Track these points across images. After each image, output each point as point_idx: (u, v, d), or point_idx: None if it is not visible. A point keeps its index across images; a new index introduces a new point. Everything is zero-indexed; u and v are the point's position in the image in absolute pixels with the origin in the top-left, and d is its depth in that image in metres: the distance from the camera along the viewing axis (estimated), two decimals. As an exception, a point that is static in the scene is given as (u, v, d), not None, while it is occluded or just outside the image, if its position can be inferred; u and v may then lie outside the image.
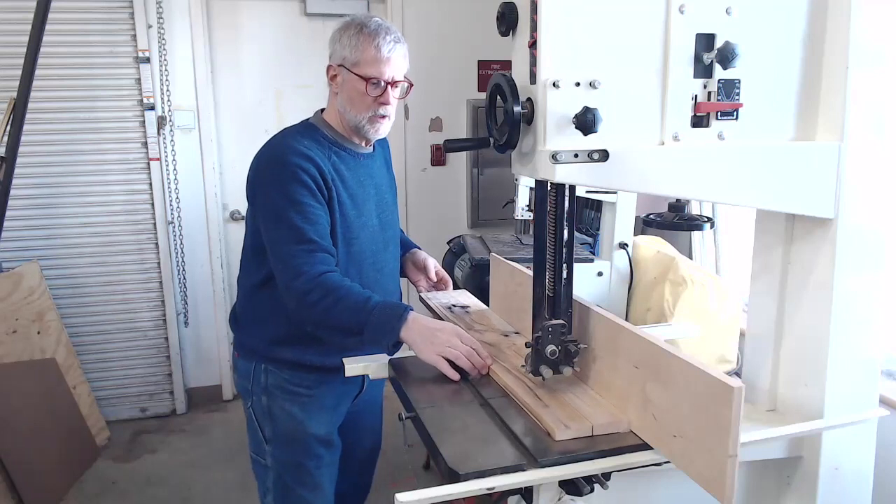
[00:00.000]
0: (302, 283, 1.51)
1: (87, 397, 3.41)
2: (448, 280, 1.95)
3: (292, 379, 1.72)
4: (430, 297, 1.91)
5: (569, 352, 1.28)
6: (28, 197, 3.43)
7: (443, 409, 1.29)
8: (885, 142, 1.20)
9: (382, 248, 1.78)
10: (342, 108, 1.67)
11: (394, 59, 1.61)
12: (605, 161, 1.08)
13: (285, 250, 1.55)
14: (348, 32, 1.62)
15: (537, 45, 1.07)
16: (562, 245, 1.27)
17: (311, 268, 1.52)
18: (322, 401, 1.75)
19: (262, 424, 1.76)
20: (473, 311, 1.82)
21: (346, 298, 1.50)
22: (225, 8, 3.67)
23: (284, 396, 1.73)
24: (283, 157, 1.59)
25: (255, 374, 1.74)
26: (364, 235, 1.71)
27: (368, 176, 1.74)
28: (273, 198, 1.58)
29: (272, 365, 1.72)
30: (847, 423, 1.24)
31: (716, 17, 1.11)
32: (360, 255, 1.70)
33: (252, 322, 1.76)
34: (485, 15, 1.88)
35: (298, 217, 1.55)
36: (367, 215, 1.72)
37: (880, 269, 1.24)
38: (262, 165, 1.63)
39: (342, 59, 1.63)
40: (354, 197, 1.68)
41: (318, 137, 1.67)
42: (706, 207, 2.89)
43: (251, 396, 1.77)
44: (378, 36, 1.59)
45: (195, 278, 3.78)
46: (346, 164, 1.68)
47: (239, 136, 3.78)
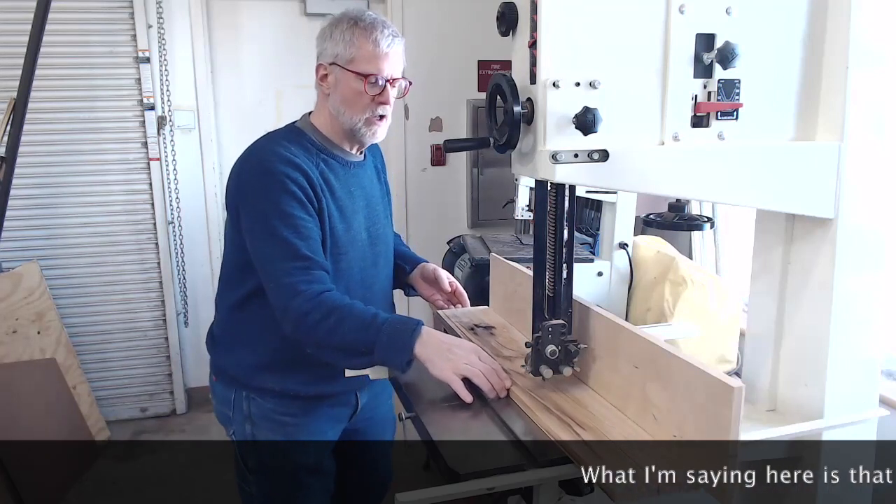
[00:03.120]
0: (300, 304, 1.39)
1: (87, 397, 3.40)
2: (463, 292, 1.76)
3: (277, 408, 1.59)
4: (449, 315, 1.76)
5: (569, 352, 1.28)
6: (28, 197, 3.42)
7: (443, 410, 1.28)
8: (885, 142, 1.20)
9: (371, 263, 1.64)
10: (335, 111, 1.53)
11: (392, 54, 1.49)
12: (605, 161, 1.08)
13: (279, 268, 1.42)
14: (340, 27, 1.49)
15: (537, 45, 1.07)
16: (562, 245, 1.27)
17: (308, 286, 1.40)
18: (309, 427, 1.63)
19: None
20: (499, 332, 1.64)
21: (350, 317, 1.38)
22: (225, 8, 3.67)
23: (269, 426, 1.60)
24: (270, 165, 1.45)
25: (235, 401, 1.61)
26: (353, 250, 1.58)
27: (358, 186, 1.61)
28: (261, 210, 1.45)
29: (255, 393, 1.59)
30: (847, 423, 1.24)
31: (716, 17, 1.11)
32: (349, 270, 1.57)
33: (232, 345, 1.63)
34: (485, 15, 1.87)
35: (290, 231, 1.42)
36: (356, 229, 1.59)
37: (880, 269, 1.24)
38: (246, 174, 1.50)
39: (334, 56, 1.49)
40: (343, 209, 1.55)
41: (306, 143, 1.53)
42: (706, 207, 2.89)
43: (232, 425, 1.64)
44: (375, 30, 1.47)
45: (195, 278, 3.78)
46: (335, 173, 1.55)
47: (239, 136, 3.77)
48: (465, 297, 1.77)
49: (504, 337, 1.61)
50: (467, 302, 1.77)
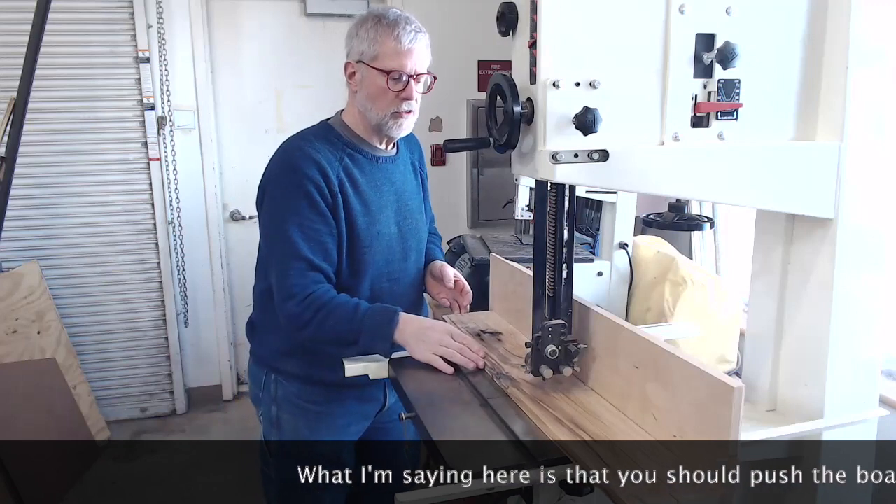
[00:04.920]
0: (292, 307, 1.50)
1: (87, 397, 3.40)
2: (468, 290, 1.78)
3: (301, 393, 1.66)
4: (455, 320, 1.75)
5: (569, 352, 1.28)
6: (28, 197, 3.43)
7: (443, 409, 1.29)
8: (885, 142, 1.20)
9: (401, 257, 1.68)
10: (362, 107, 1.58)
11: (416, 50, 1.52)
12: (605, 161, 1.08)
13: (280, 264, 1.53)
14: (366, 25, 1.53)
15: (537, 45, 1.07)
16: (562, 245, 1.27)
17: (301, 290, 1.50)
18: (332, 418, 1.68)
19: (269, 435, 1.72)
20: (507, 338, 1.63)
21: (336, 311, 1.48)
22: (225, 8, 3.67)
23: (293, 410, 1.67)
24: (292, 161, 1.54)
25: (265, 382, 1.70)
26: (377, 244, 1.62)
27: (387, 181, 1.65)
28: (276, 206, 1.55)
29: (281, 376, 1.68)
30: (847, 423, 1.24)
31: (716, 17, 1.11)
32: (372, 264, 1.62)
33: (263, 330, 1.72)
34: (485, 15, 1.87)
35: (296, 231, 1.50)
36: (382, 223, 1.63)
37: (880, 269, 1.24)
38: (274, 169, 1.59)
39: (360, 54, 1.54)
40: (368, 203, 1.60)
41: (333, 138, 1.60)
42: (706, 207, 2.88)
43: (261, 405, 1.72)
44: (398, 26, 1.50)
45: (195, 278, 3.78)
46: (361, 168, 1.60)
47: (239, 136, 3.78)
48: (468, 295, 1.77)
49: (511, 343, 1.59)
50: (469, 299, 1.77)
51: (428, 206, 1.84)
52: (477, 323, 1.73)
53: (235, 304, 3.91)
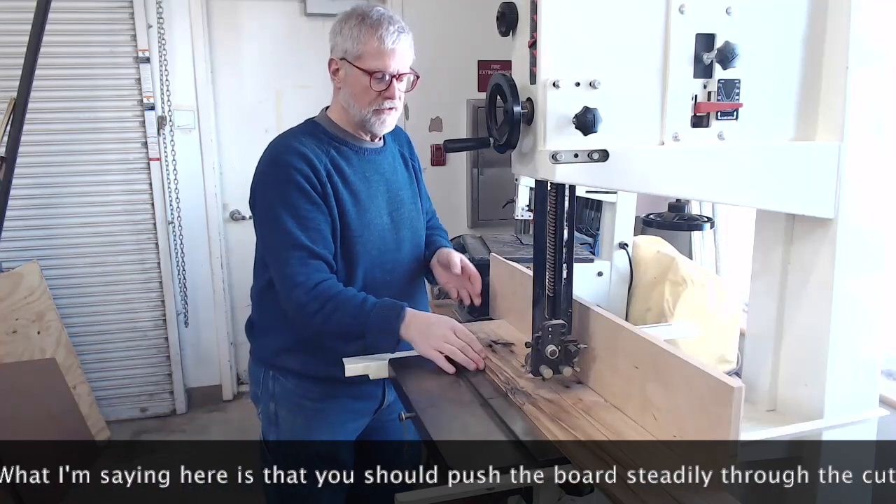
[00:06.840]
0: (298, 295, 1.50)
1: (87, 397, 3.40)
2: (477, 275, 1.72)
3: (297, 389, 1.67)
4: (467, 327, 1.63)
5: (569, 352, 1.28)
6: (28, 197, 3.43)
7: (443, 409, 1.29)
8: (885, 142, 1.20)
9: (395, 247, 1.68)
10: (346, 103, 1.60)
11: (398, 50, 1.54)
12: (605, 161, 1.08)
13: (280, 256, 1.52)
14: (349, 23, 1.54)
15: (537, 45, 1.07)
16: (562, 245, 1.27)
17: (306, 278, 1.50)
18: (329, 416, 1.68)
19: (268, 433, 1.72)
20: (519, 349, 1.54)
21: (343, 305, 1.48)
22: (225, 8, 3.67)
23: (290, 406, 1.68)
24: (279, 156, 1.56)
25: (263, 380, 1.71)
26: (368, 234, 1.62)
27: (376, 172, 1.66)
28: (268, 200, 1.55)
29: (279, 373, 1.68)
30: (847, 423, 1.24)
31: (716, 17, 1.11)
32: (364, 254, 1.62)
33: (262, 329, 1.73)
34: (485, 15, 1.87)
35: (292, 221, 1.51)
36: (373, 213, 1.64)
37: (880, 269, 1.24)
38: (261, 167, 1.60)
39: (344, 52, 1.55)
40: (357, 193, 1.61)
41: (319, 133, 1.62)
42: (706, 207, 2.88)
43: (260, 403, 1.73)
44: (381, 27, 1.52)
45: (195, 278, 3.78)
46: (348, 160, 1.61)
47: (239, 136, 3.77)
48: (478, 281, 1.72)
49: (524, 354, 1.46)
50: (479, 284, 1.72)
51: (425, 199, 1.85)
52: (488, 333, 1.67)
53: (235, 303, 3.91)
